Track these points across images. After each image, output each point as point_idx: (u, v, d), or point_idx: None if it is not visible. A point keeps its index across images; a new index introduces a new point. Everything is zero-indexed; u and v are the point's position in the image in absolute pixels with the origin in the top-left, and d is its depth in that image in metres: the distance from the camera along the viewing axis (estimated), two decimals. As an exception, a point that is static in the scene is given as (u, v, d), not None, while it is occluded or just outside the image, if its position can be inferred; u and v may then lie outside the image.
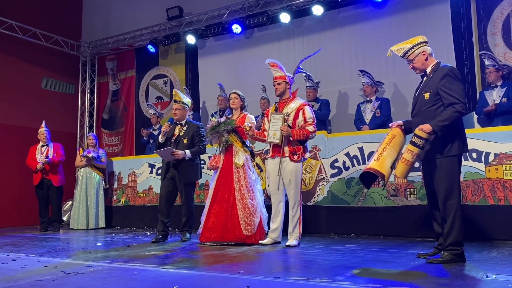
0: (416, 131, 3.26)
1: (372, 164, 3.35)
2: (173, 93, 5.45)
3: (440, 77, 3.34)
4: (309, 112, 4.47)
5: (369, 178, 3.45)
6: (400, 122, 3.60)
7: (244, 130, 4.67)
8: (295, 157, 4.43)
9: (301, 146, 4.45)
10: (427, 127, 3.23)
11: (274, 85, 4.61)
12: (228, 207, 4.66)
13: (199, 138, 5.21)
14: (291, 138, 4.41)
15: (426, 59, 3.49)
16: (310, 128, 4.40)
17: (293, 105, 4.51)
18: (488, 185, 4.60)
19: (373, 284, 2.60)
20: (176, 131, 5.26)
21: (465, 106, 3.26)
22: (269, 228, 4.72)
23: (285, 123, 4.41)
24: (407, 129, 3.56)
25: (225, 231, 4.62)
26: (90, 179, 7.42)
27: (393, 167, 3.36)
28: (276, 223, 4.56)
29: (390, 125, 3.63)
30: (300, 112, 4.46)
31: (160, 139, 5.21)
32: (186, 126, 5.27)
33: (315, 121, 4.51)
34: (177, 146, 5.15)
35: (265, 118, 4.72)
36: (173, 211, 5.34)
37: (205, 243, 4.70)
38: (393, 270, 3.08)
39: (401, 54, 3.54)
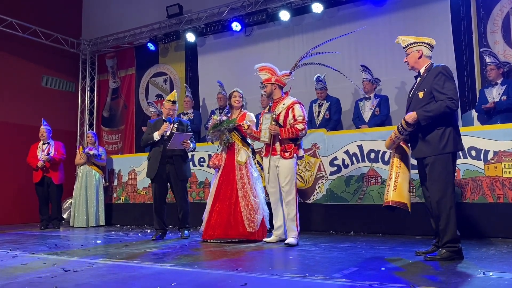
0: (403, 121, 3.39)
1: (392, 196, 3.46)
2: (173, 94, 5.48)
3: (434, 76, 3.38)
4: (299, 110, 4.45)
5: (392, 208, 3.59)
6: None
7: (243, 128, 4.68)
8: (287, 154, 4.42)
9: (292, 144, 4.44)
10: (412, 117, 3.32)
11: None
12: (231, 204, 4.67)
13: (191, 135, 5.36)
14: (279, 137, 4.42)
15: (419, 58, 3.50)
16: (299, 126, 4.38)
17: (283, 104, 4.52)
18: (487, 183, 4.60)
19: (370, 281, 2.61)
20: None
21: (456, 103, 3.28)
22: (271, 225, 4.73)
23: (273, 122, 4.42)
24: (407, 139, 3.59)
25: (228, 228, 4.63)
26: (90, 177, 7.43)
27: (409, 190, 3.56)
28: (279, 221, 4.57)
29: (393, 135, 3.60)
30: (290, 110, 4.45)
31: (156, 137, 5.23)
32: (177, 123, 5.40)
33: (306, 119, 4.49)
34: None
35: (261, 118, 4.74)
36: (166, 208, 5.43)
37: (209, 241, 4.71)
38: (391, 267, 3.09)
39: (404, 45, 3.60)
